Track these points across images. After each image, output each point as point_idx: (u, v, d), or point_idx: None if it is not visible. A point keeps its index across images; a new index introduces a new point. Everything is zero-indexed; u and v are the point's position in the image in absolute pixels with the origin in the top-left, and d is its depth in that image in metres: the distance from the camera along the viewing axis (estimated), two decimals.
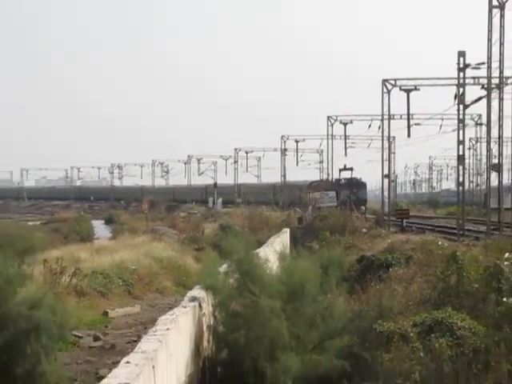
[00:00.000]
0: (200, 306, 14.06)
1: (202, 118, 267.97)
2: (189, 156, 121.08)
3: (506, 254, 13.59)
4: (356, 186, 75.61)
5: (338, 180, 77.37)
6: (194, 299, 14.09)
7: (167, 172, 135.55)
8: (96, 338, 20.25)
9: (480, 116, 63.83)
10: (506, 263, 12.54)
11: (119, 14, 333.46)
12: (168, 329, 11.28)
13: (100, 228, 71.54)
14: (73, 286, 24.65)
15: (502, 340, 11.41)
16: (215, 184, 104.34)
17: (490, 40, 34.01)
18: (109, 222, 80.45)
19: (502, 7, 33.07)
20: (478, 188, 77.53)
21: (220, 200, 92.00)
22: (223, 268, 15.45)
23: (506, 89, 34.12)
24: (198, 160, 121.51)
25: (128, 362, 9.16)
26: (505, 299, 11.58)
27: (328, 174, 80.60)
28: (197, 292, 14.73)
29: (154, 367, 9.53)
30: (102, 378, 10.88)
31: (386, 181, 57.53)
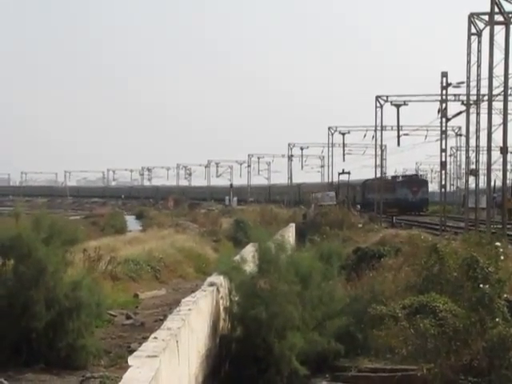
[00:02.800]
0: (218, 289, 14.06)
1: (218, 129, 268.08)
2: (208, 161, 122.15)
3: (497, 243, 13.50)
4: (416, 184, 62.90)
5: (395, 177, 65.85)
6: (212, 284, 14.09)
7: (190, 174, 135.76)
8: (128, 317, 20.26)
9: (460, 128, 63.54)
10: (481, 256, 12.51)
11: (171, 15, 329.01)
12: (190, 309, 11.28)
13: (132, 222, 71.53)
14: (108, 272, 24.69)
15: (477, 321, 11.36)
16: (231, 185, 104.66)
17: (468, 62, 33.93)
18: (139, 217, 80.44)
19: (479, 34, 32.99)
20: (458, 190, 77.39)
21: (235, 198, 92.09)
22: (246, 254, 15.42)
23: (483, 105, 33.99)
24: (217, 164, 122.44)
25: (155, 338, 9.18)
26: (481, 285, 11.54)
27: (328, 177, 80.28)
28: (215, 277, 14.73)
29: (177, 342, 9.54)
30: (133, 351, 10.89)
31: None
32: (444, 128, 42.48)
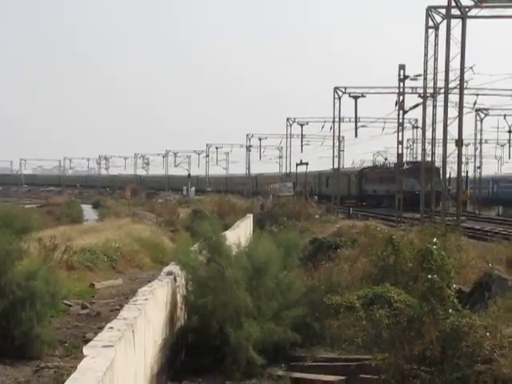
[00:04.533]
0: (175, 279, 14.05)
1: (176, 119, 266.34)
2: (166, 150, 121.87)
3: (434, 239, 13.73)
4: (426, 172, 53.06)
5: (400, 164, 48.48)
6: (169, 273, 14.07)
7: (148, 164, 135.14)
8: (83, 307, 20.15)
9: (416, 120, 64.18)
10: (434, 247, 12.66)
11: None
12: (146, 299, 11.25)
13: (88, 211, 70.97)
14: (64, 261, 24.51)
15: (430, 311, 11.52)
16: (189, 175, 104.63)
17: (426, 55, 34.25)
18: (96, 206, 79.86)
19: (436, 28, 33.29)
20: None
21: (193, 188, 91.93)
22: (196, 247, 15.46)
23: (439, 97, 34.32)
24: (175, 154, 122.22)
25: (111, 328, 9.14)
26: (429, 276, 11.70)
27: (286, 168, 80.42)
28: (172, 267, 14.71)
29: (133, 332, 9.52)
30: (88, 340, 10.83)
31: None
32: (401, 120, 42.86)
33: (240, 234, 23.82)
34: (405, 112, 42.96)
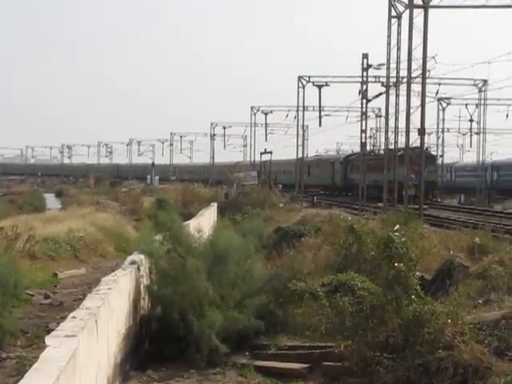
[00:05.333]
0: (138, 268, 13.99)
1: (139, 107, 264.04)
2: (130, 139, 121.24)
3: (397, 226, 13.86)
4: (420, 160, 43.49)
5: (390, 150, 42.46)
6: (133, 262, 14.01)
7: (111, 152, 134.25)
8: (46, 296, 20.00)
9: (380, 109, 64.36)
10: (396, 234, 12.76)
11: None
12: (110, 288, 11.20)
13: (51, 200, 70.36)
14: (26, 251, 24.28)
15: (393, 299, 11.62)
16: (153, 163, 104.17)
17: (389, 45, 34.43)
18: (59, 195, 79.20)
19: (399, 17, 33.47)
20: None
21: (157, 177, 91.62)
22: (158, 237, 15.40)
23: (402, 87, 34.54)
24: (139, 142, 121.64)
25: (74, 317, 9.08)
26: (396, 264, 11.79)
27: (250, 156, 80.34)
28: (135, 256, 14.65)
29: (96, 321, 9.46)
30: (51, 330, 10.75)
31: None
32: (364, 109, 43.12)
33: (204, 222, 23.76)
34: (368, 101, 43.21)
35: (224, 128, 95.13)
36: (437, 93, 56.19)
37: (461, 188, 65.64)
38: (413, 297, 11.58)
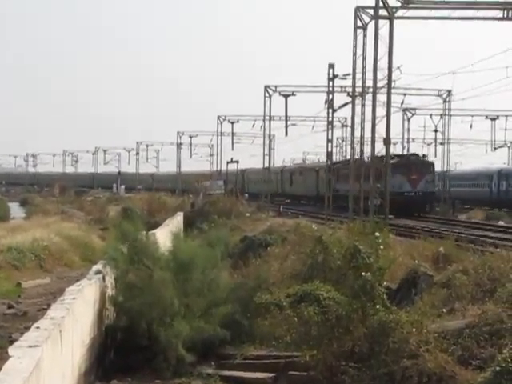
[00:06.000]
0: (103, 278, 13.92)
1: (105, 115, 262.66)
2: (96, 147, 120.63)
3: (377, 234, 13.87)
4: (417, 168, 41.54)
5: (382, 157, 36.37)
6: (98, 272, 13.94)
7: (76, 161, 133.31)
8: (10, 306, 19.78)
9: (346, 119, 64.73)
10: (377, 240, 12.79)
11: None
12: (74, 298, 11.12)
13: (15, 209, 69.63)
14: None
15: (359, 308, 11.67)
16: (119, 172, 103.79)
17: (354, 55, 34.68)
18: (23, 204, 78.42)
19: (364, 28, 33.73)
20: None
21: (123, 186, 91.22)
22: (123, 246, 15.33)
23: (368, 96, 34.84)
24: (104, 151, 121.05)
25: (38, 327, 9.01)
26: (363, 274, 11.84)
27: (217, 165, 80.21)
28: (101, 266, 14.57)
29: (61, 332, 9.40)
30: (14, 341, 10.63)
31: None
32: (330, 119, 43.33)
33: (169, 232, 23.67)
34: (334, 111, 43.48)
35: (190, 137, 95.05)
36: (402, 103, 56.69)
37: (458, 199, 56.90)
38: (378, 306, 11.65)
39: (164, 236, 19.24)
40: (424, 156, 46.18)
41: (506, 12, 30.86)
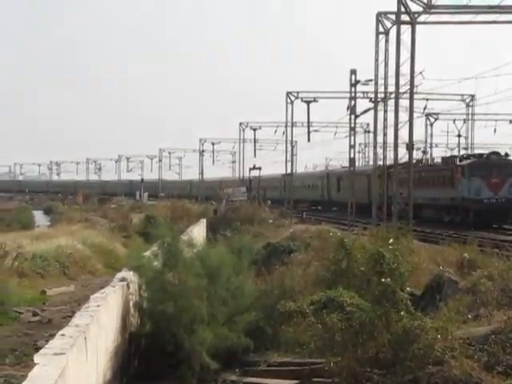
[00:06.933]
0: (128, 285, 13.96)
1: (128, 124, 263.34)
2: (119, 155, 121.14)
3: (391, 240, 13.84)
4: (498, 170, 34.33)
5: (451, 158, 36.11)
6: (122, 279, 13.98)
7: (100, 169, 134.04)
8: (35, 314, 19.91)
9: (368, 125, 64.79)
10: (389, 248, 12.75)
11: None
12: (99, 305, 11.16)
13: (40, 217, 70.12)
14: (15, 268, 24.20)
15: (382, 314, 11.62)
16: (142, 179, 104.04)
17: (376, 60, 34.57)
18: (48, 212, 78.93)
19: (386, 33, 33.66)
20: None
21: (146, 193, 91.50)
22: (152, 251, 15.37)
23: (390, 102, 34.68)
24: (127, 159, 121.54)
25: (63, 335, 9.04)
26: (383, 280, 11.80)
27: (240, 172, 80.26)
28: (125, 273, 14.62)
29: (85, 339, 9.43)
30: (39, 348, 10.70)
31: None
32: (353, 124, 43.20)
33: (193, 239, 23.70)
34: (356, 116, 43.33)
35: (213, 144, 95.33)
36: (425, 108, 56.48)
37: None
38: (402, 312, 11.59)
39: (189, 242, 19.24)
40: (507, 155, 37.57)
41: None
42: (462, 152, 56.67)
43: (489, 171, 33.55)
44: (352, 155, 42.90)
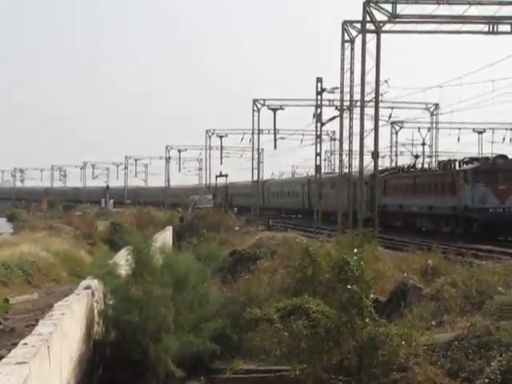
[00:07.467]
0: (92, 293, 13.86)
1: (93, 130, 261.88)
2: (84, 162, 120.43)
3: (355, 250, 13.92)
4: (507, 175, 30.58)
5: (450, 163, 33.15)
6: (86, 287, 13.88)
7: (65, 176, 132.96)
8: None
9: (334, 132, 64.95)
10: (354, 257, 12.83)
11: None
12: (63, 314, 11.08)
13: (3, 224, 69.31)
14: None
15: (348, 321, 11.68)
16: (107, 187, 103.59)
17: (342, 69, 34.81)
18: (11, 219, 78.09)
19: (352, 41, 33.89)
20: None
21: (111, 201, 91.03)
22: (121, 258, 15.29)
23: (356, 110, 34.97)
24: (93, 166, 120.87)
25: (25, 344, 8.96)
26: (349, 286, 11.86)
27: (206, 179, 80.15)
28: (90, 281, 14.52)
29: (49, 348, 9.34)
30: (1, 357, 10.56)
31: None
32: (319, 132, 43.44)
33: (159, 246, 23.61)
34: (322, 124, 43.56)
35: (179, 151, 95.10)
36: (390, 116, 56.88)
37: None
38: (367, 319, 11.66)
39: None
40: None
41: (491, 26, 31.07)
42: (427, 160, 57.07)
43: (495, 177, 29.98)
44: (318, 163, 43.15)
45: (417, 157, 51.00)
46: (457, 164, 33.68)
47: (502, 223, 30.08)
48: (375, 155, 32.55)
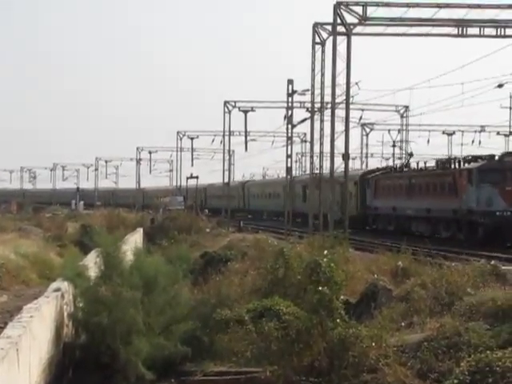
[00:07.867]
0: (62, 295, 13.76)
1: (64, 131, 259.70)
2: (54, 164, 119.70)
3: (325, 252, 13.97)
4: None
5: (450, 161, 30.63)
6: (56, 290, 13.78)
7: (34, 177, 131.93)
8: None
9: (305, 134, 65.22)
10: (325, 259, 12.87)
11: None
12: (32, 316, 10.99)
13: None
14: None
15: (318, 322, 11.71)
16: (77, 188, 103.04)
17: (313, 70, 34.91)
18: None
19: (322, 44, 34.01)
20: None
21: (81, 202, 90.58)
22: (91, 260, 15.20)
23: (326, 112, 35.07)
24: (63, 167, 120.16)
25: None
26: (320, 288, 11.90)
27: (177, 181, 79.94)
28: (59, 283, 14.42)
29: (17, 350, 9.26)
30: None
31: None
32: (290, 134, 43.54)
33: (129, 248, 23.51)
34: (293, 126, 43.67)
35: (150, 153, 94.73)
36: (360, 118, 57.27)
37: None
38: (338, 320, 11.70)
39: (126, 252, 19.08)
40: None
41: (460, 29, 31.38)
42: (397, 162, 56.88)
43: (502, 177, 27.29)
44: (289, 164, 43.25)
45: (411, 155, 47.83)
46: (459, 163, 30.99)
47: (510, 228, 27.50)
48: (346, 157, 32.70)
